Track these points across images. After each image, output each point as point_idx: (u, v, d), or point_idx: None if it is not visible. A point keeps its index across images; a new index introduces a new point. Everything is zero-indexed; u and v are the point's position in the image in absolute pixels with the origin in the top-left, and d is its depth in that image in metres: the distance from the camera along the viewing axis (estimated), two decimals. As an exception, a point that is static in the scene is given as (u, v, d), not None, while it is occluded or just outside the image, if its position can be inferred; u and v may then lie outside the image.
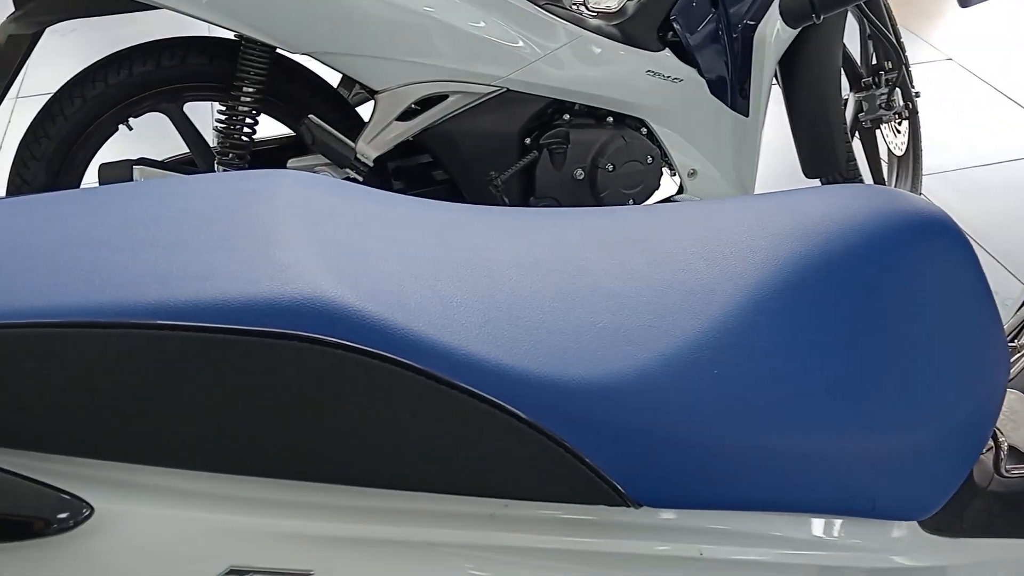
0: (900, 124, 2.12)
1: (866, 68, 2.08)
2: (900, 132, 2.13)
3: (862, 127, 2.07)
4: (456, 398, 0.61)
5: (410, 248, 0.70)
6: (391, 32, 1.55)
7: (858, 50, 2.08)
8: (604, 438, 0.64)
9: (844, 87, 1.93)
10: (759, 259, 0.72)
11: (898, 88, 2.06)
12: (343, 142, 1.60)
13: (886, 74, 2.05)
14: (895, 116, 2.09)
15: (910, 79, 2.08)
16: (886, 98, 2.05)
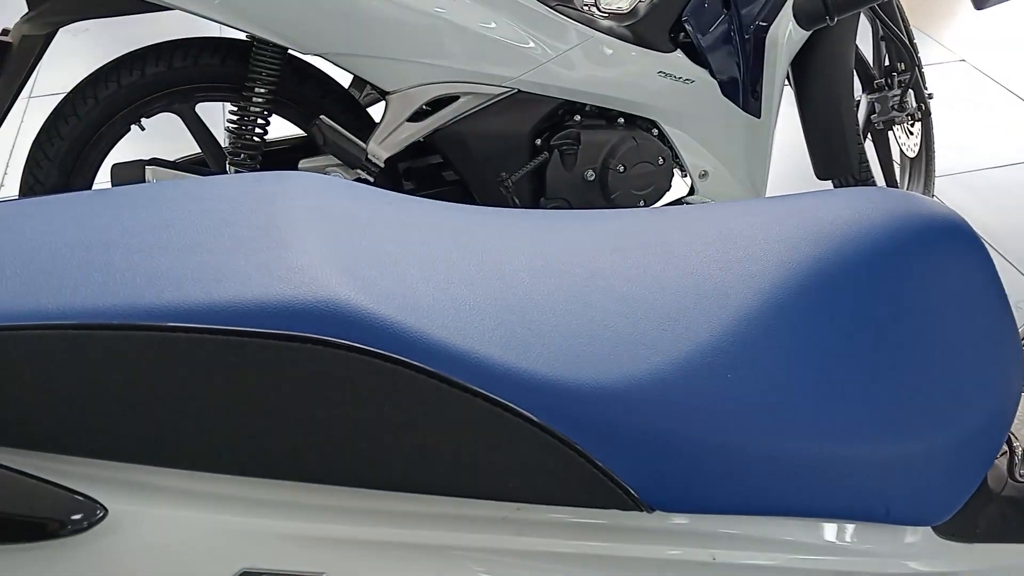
0: (913, 126, 2.11)
1: (879, 69, 2.07)
2: (913, 134, 2.12)
3: (874, 129, 2.06)
4: (469, 401, 0.61)
5: (423, 251, 0.70)
6: (402, 33, 1.55)
7: (871, 51, 2.08)
8: (617, 442, 0.64)
9: (856, 88, 1.93)
10: (773, 263, 0.72)
11: (911, 90, 2.05)
12: (354, 143, 1.60)
13: (899, 75, 2.04)
14: (908, 118, 2.08)
15: (923, 80, 2.07)
16: (899, 100, 2.04)
